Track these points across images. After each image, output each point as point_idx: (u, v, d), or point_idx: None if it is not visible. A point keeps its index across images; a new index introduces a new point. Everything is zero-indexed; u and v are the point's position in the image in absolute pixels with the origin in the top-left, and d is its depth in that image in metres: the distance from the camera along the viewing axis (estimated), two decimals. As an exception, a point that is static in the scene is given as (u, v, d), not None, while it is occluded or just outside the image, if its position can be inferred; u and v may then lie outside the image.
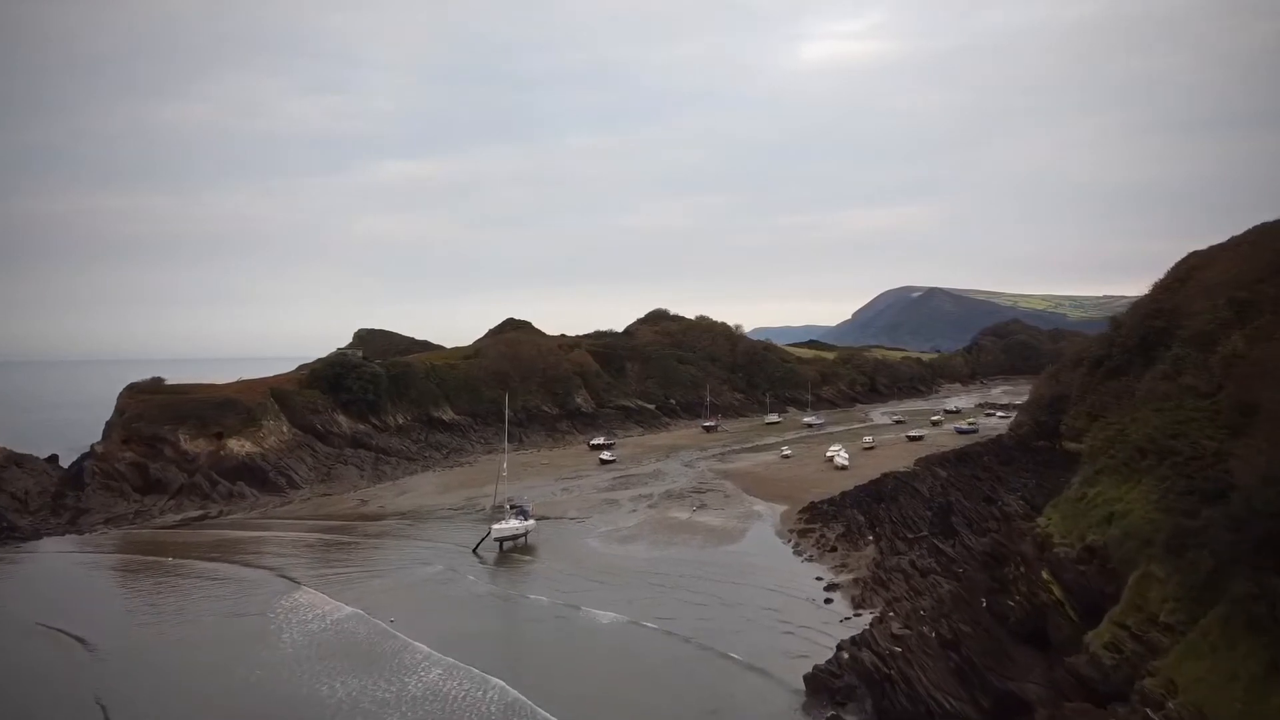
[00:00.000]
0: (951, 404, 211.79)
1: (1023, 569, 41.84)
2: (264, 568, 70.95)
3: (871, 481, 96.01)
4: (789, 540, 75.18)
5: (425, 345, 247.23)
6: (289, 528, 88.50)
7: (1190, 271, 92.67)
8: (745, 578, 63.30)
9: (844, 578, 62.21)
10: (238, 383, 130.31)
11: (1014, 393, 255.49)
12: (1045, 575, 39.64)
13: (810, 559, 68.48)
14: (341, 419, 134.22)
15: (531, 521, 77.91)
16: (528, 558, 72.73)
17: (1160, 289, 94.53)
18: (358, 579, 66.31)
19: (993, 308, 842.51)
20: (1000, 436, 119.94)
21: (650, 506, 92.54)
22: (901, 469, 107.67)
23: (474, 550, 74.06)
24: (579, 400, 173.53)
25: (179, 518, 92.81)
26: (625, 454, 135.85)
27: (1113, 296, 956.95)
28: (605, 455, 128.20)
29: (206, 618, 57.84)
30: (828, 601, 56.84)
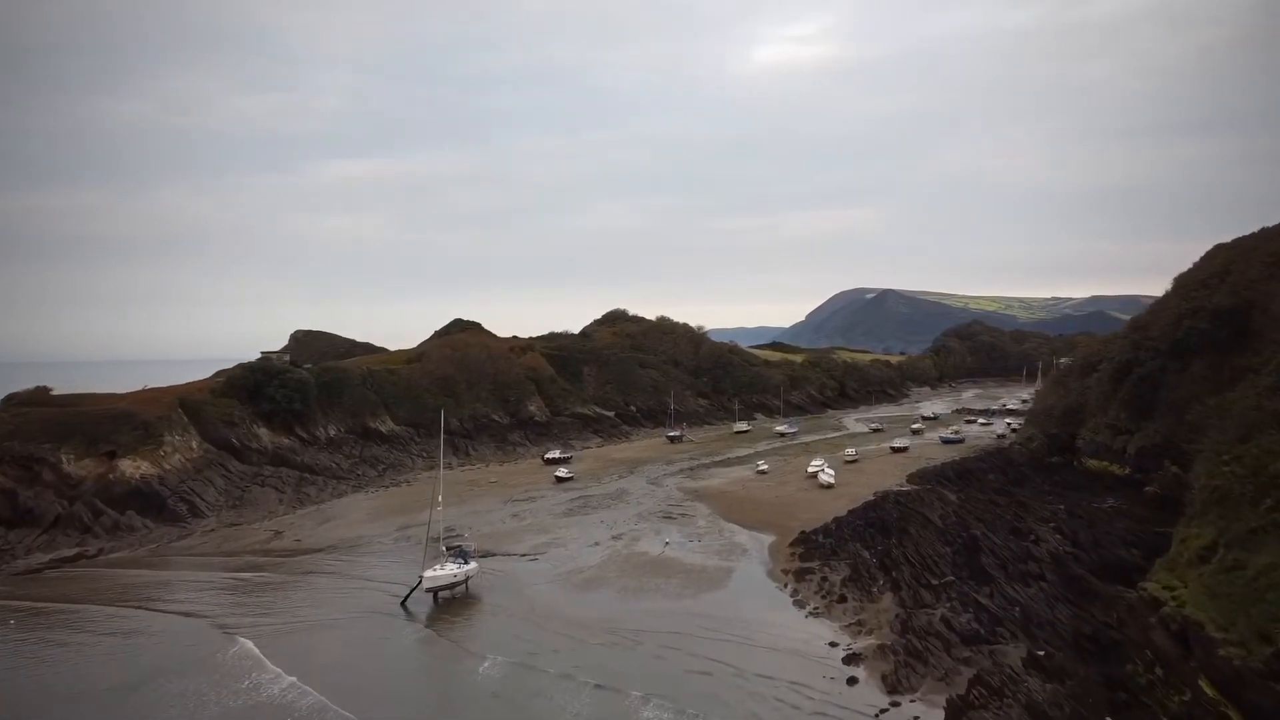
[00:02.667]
0: (927, 409, 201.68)
1: (1160, 672, 29.42)
2: (111, 632, 56.32)
3: (866, 505, 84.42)
4: (784, 585, 62.43)
5: (368, 348, 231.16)
6: (179, 566, 73.67)
7: (1226, 266, 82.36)
8: (737, 640, 50.48)
9: (864, 642, 49.61)
10: (140, 392, 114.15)
11: (986, 396, 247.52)
12: (1208, 688, 27.27)
13: (816, 613, 55.74)
14: (262, 432, 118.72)
15: (473, 565, 64.15)
16: (467, 614, 58.97)
17: (1194, 285, 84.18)
18: (269, 635, 52.09)
19: (945, 309, 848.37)
20: (1004, 451, 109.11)
21: (615, 538, 79.25)
22: (895, 487, 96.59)
23: (402, 603, 60.19)
24: (532, 408, 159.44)
25: (48, 558, 77.13)
26: (583, 469, 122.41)
27: (1060, 298, 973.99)
28: (561, 472, 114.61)
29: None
30: (851, 681, 44.11)
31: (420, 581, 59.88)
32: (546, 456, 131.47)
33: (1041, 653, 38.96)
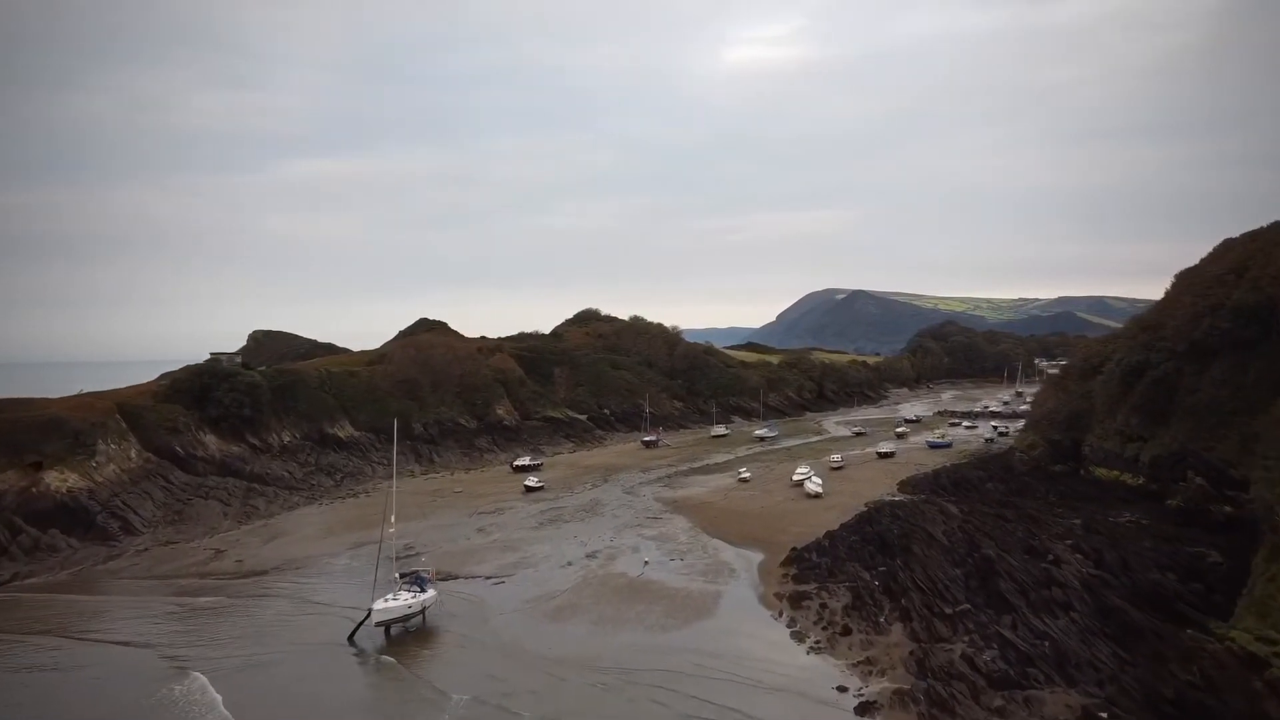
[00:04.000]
0: (908, 412, 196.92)
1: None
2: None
3: (860, 517, 78.58)
4: (779, 612, 56.11)
5: (331, 349, 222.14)
6: (100, 591, 65.82)
7: (1242, 262, 77.29)
8: (736, 681, 44.17)
9: (877, 686, 43.37)
10: (74, 397, 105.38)
11: (965, 398, 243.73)
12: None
13: (818, 647, 49.42)
14: (210, 439, 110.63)
15: (430, 593, 57.14)
16: (429, 648, 52.04)
17: (1209, 282, 79.06)
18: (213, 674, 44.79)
19: (915, 310, 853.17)
20: (1001, 457, 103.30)
21: (589, 556, 72.59)
22: (887, 497, 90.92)
23: (349, 638, 53.09)
24: (500, 412, 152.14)
25: (-46, 584, 68.94)
26: (554, 477, 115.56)
27: (1028, 299, 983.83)
28: (531, 480, 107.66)
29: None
30: (869, 737, 37.87)
31: (369, 614, 52.81)
32: (515, 464, 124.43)
33: (1105, 715, 32.79)
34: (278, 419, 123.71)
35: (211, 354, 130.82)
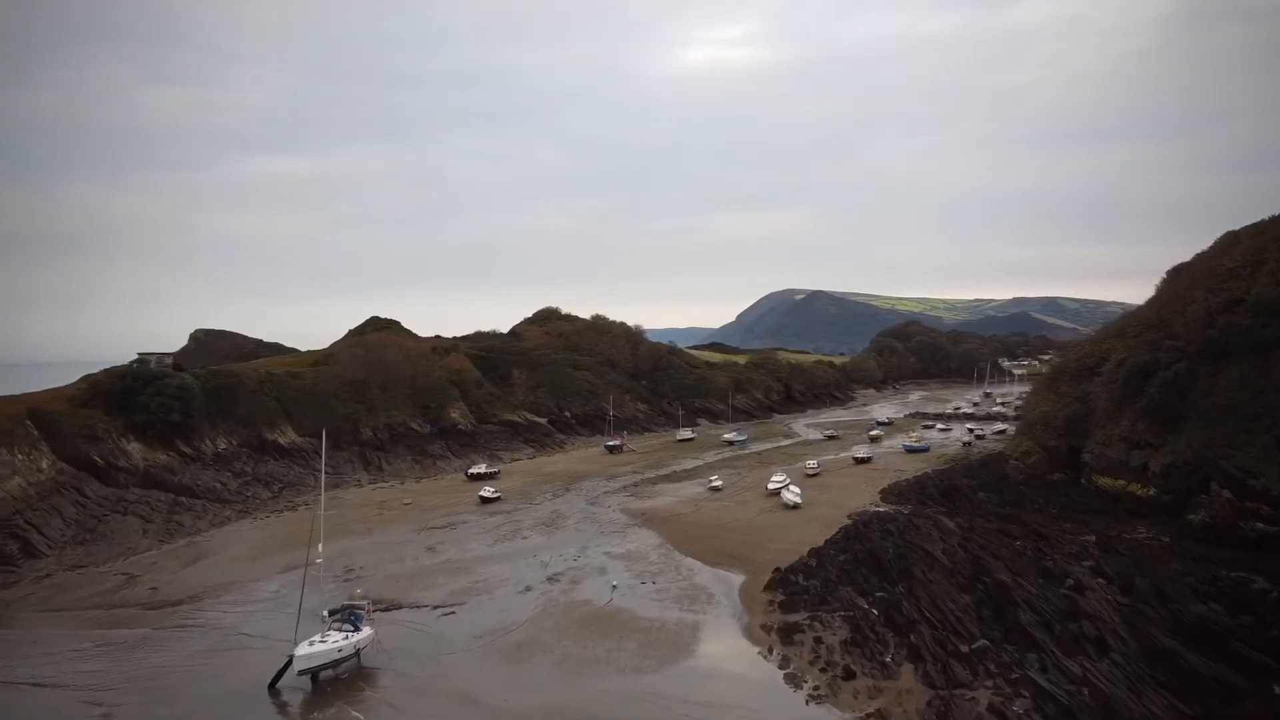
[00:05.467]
0: (879, 413, 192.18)
1: None
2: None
3: (845, 531, 72.49)
4: (769, 649, 49.22)
5: (278, 349, 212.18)
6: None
7: (1256, 254, 72.05)
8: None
9: (895, 747, 36.70)
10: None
11: (934, 399, 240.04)
12: None
13: (818, 695, 42.58)
14: (133, 448, 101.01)
15: (366, 632, 49.32)
16: (359, 701, 44.24)
17: (1221, 276, 73.76)
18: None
19: (872, 310, 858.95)
20: (991, 464, 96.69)
21: (550, 579, 65.23)
22: (871, 507, 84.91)
23: (270, 686, 45.13)
24: (455, 415, 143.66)
25: None
26: (512, 486, 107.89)
27: (984, 300, 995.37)
28: (487, 491, 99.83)
29: None
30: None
31: (290, 662, 44.86)
32: (470, 471, 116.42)
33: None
34: (212, 424, 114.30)
35: (139, 355, 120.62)
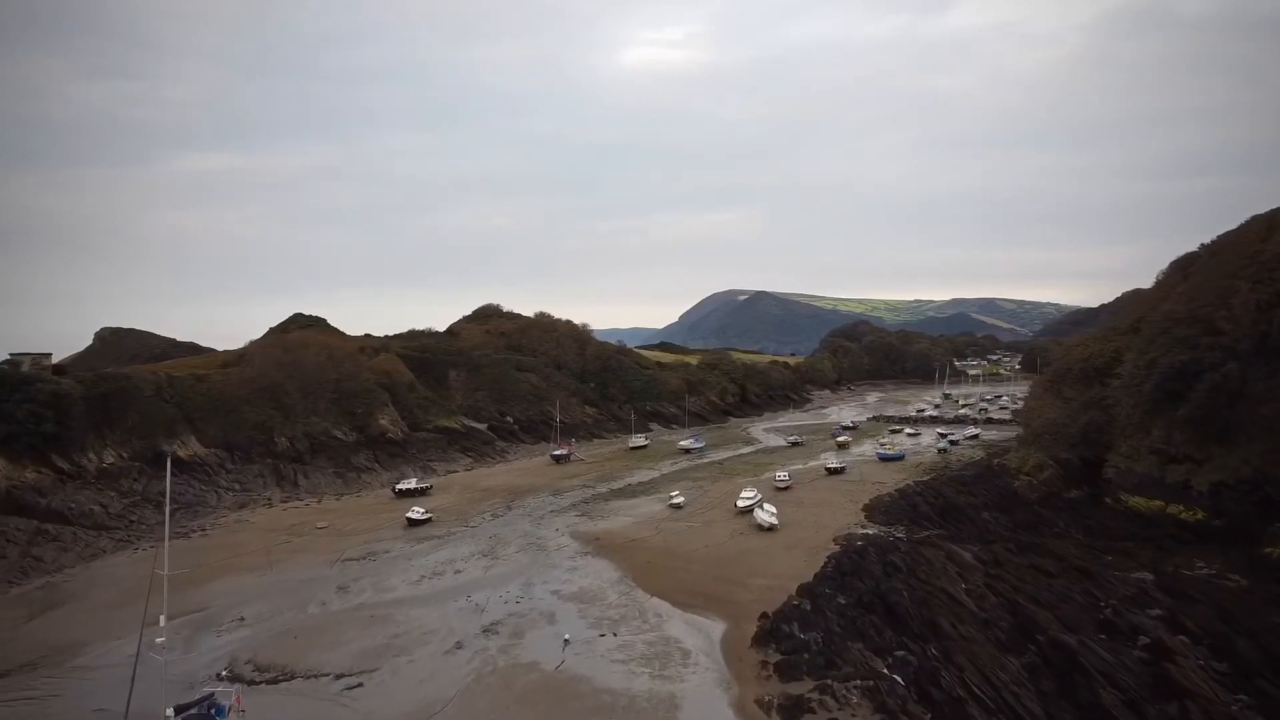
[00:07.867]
0: (840, 417, 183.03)
1: None
2: None
3: (836, 563, 61.99)
4: (771, 737, 37.77)
5: (193, 348, 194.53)
6: None
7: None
8: None
9: None
10: None
11: (891, 400, 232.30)
12: None
13: (850, 818, 31.20)
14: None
15: (233, 730, 36.61)
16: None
17: (1268, 262, 64.41)
18: None
19: (815, 311, 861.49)
20: (993, 478, 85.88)
21: (486, 631, 53.03)
22: (857, 529, 74.59)
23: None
24: (384, 422, 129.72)
25: None
26: (446, 504, 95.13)
27: (923, 300, 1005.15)
28: (416, 511, 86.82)
29: None
30: None
31: (112, 791, 32.05)
32: (398, 488, 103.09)
33: None
34: (98, 435, 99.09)
35: (11, 355, 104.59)
